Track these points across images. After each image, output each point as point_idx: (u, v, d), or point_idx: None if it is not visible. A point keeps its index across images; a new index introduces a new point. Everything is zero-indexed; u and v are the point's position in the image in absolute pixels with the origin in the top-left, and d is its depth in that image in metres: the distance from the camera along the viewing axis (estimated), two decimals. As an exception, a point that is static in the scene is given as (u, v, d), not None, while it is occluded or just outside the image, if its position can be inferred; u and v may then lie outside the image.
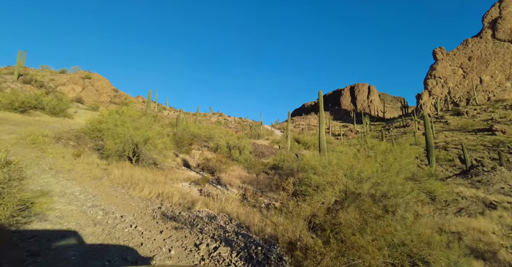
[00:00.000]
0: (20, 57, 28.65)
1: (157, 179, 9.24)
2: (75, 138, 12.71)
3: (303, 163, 8.62)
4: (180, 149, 17.31)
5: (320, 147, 11.09)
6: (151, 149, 11.05)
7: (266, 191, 10.01)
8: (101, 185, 7.33)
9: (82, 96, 31.32)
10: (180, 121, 24.41)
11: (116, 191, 7.06)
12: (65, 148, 11.19)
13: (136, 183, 8.02)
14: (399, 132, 62.67)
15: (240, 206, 7.31)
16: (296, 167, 12.96)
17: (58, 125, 17.22)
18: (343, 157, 7.22)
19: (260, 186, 10.84)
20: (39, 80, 29.26)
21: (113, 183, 7.71)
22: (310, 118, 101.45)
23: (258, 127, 63.80)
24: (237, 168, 14.14)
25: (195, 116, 57.66)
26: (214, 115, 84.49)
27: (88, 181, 7.45)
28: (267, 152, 22.24)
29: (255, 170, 14.06)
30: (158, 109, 65.06)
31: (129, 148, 10.27)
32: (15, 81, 27.86)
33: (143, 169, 10.24)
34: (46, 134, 11.98)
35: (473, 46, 65.62)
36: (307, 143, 32.65)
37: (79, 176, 7.64)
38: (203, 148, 20.54)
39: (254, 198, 9.21)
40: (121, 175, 8.54)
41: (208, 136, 24.08)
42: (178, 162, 13.94)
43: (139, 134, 10.40)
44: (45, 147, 10.36)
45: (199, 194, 8.55)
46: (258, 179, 12.26)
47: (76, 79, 32.81)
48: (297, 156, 21.71)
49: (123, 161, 10.84)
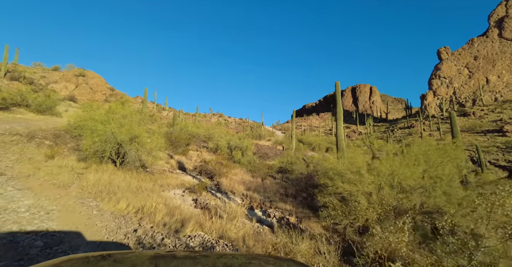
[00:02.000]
0: (8, 52, 27.02)
1: (143, 186, 7.55)
2: (53, 137, 11.02)
3: (324, 166, 6.94)
4: (175, 149, 15.61)
5: (339, 147, 9.41)
6: (138, 149, 9.36)
7: (276, 200, 8.33)
8: (66, 195, 5.63)
9: (75, 95, 29.66)
10: (176, 120, 22.73)
11: (84, 203, 5.36)
12: (38, 148, 9.50)
13: (113, 192, 6.32)
14: (403, 134, 60.98)
15: (247, 224, 5.60)
16: (309, 171, 11.25)
17: (42, 123, 15.50)
18: (385, 160, 5.53)
19: (267, 193, 9.15)
20: (28, 77, 27.60)
21: (84, 193, 6.01)
22: (312, 119, 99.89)
23: (259, 128, 62.08)
24: (240, 171, 12.44)
25: (195, 117, 56.00)
26: (214, 116, 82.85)
27: (50, 190, 5.75)
28: (271, 153, 20.56)
29: (260, 174, 12.36)
30: (157, 109, 63.36)
31: (111, 147, 8.58)
32: (2, 78, 26.20)
33: (128, 173, 8.54)
34: (17, 132, 10.30)
35: (479, 45, 64.11)
36: (312, 144, 30.95)
37: (38, 184, 5.94)
38: (201, 149, 18.84)
39: (262, 209, 7.50)
40: (97, 181, 6.84)
41: (207, 136, 22.38)
42: (172, 164, 12.23)
43: (124, 131, 8.71)
44: (9, 146, 8.69)
45: (193, 205, 6.84)
46: (264, 185, 10.55)
47: (69, 76, 31.17)
48: (304, 159, 20.02)
49: (105, 164, 9.16)
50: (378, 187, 5.39)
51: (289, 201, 8.36)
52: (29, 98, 19.32)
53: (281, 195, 9.17)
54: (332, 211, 5.68)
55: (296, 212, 7.21)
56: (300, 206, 7.80)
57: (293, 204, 8.06)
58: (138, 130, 9.08)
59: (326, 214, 5.80)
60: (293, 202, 8.32)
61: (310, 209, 7.66)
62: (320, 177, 6.78)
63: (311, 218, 6.90)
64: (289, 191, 9.66)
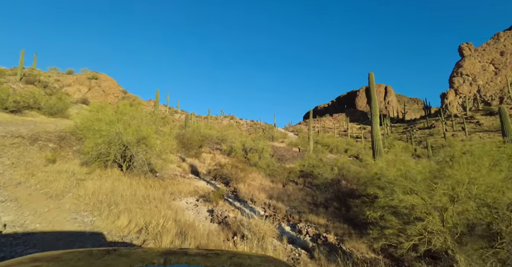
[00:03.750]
0: (24, 57, 27.30)
1: (151, 194, 6.50)
2: (58, 139, 10.27)
3: (374, 172, 5.63)
4: (188, 152, 14.65)
5: (375, 148, 8.01)
6: (147, 152, 8.38)
7: (304, 210, 7.08)
8: (56, 208, 4.64)
9: (88, 97, 29.57)
10: (189, 121, 21.90)
11: (76, 219, 4.34)
12: (40, 152, 8.72)
13: (115, 202, 5.29)
14: (423, 134, 57.97)
15: (277, 246, 4.39)
16: (335, 176, 9.90)
17: (51, 126, 14.96)
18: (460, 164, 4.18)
19: (292, 202, 7.90)
20: (42, 80, 27.74)
21: (79, 204, 5.01)
22: (325, 120, 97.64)
23: (272, 129, 60.76)
24: (258, 176, 11.25)
25: (206, 119, 55.52)
26: (226, 118, 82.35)
27: (38, 201, 4.78)
28: (288, 155, 19.28)
29: (280, 178, 11.12)
30: (170, 112, 63.45)
31: (116, 150, 7.62)
32: (18, 81, 26.41)
33: (135, 179, 7.55)
34: (19, 134, 9.60)
35: (505, 40, 60.22)
36: (329, 145, 29.32)
37: (27, 194, 4.99)
38: (215, 151, 17.82)
39: (289, 222, 6.27)
40: (97, 189, 5.84)
41: (220, 138, 21.38)
42: (185, 168, 11.22)
43: (130, 131, 7.74)
44: (8, 149, 7.92)
45: (209, 219, 5.70)
46: (287, 191, 9.30)
47: (82, 80, 31.22)
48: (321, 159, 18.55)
49: (111, 168, 8.22)
50: (453, 199, 4.05)
51: (320, 212, 7.07)
52: (41, 101, 19.05)
53: (309, 204, 7.89)
54: (387, 230, 4.38)
55: (333, 227, 5.92)
56: (335, 219, 6.50)
57: (325, 216, 6.77)
58: (147, 131, 8.09)
59: (378, 234, 4.50)
60: (325, 213, 7.03)
61: (348, 222, 6.35)
62: (363, 185, 5.46)
63: (352, 235, 5.60)
64: (317, 199, 8.37)
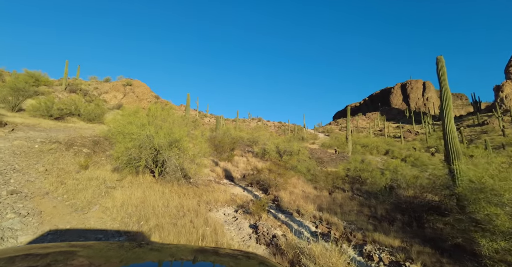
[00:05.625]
0: (68, 68, 29.28)
1: (185, 205, 5.69)
2: (92, 144, 10.12)
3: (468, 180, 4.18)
4: (220, 155, 13.96)
5: (451, 149, 6.29)
6: (180, 156, 7.68)
7: (366, 226, 5.75)
8: (80, 224, 3.97)
9: (123, 103, 30.78)
10: (219, 124, 21.42)
11: (100, 239, 3.59)
12: (75, 157, 8.50)
13: (145, 216, 4.53)
14: (474, 132, 51.67)
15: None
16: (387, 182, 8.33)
17: (89, 131, 15.30)
18: None
19: (347, 215, 6.58)
20: (83, 89, 29.50)
21: (106, 219, 4.32)
22: (358, 119, 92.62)
23: (301, 130, 58.78)
24: (297, 181, 10.05)
25: (235, 122, 55.47)
26: (253, 121, 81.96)
27: (62, 215, 4.17)
28: (325, 157, 17.73)
29: (324, 185, 9.81)
30: (199, 116, 64.76)
31: (147, 154, 7.00)
32: (63, 91, 28.35)
33: (167, 186, 6.85)
34: (57, 140, 9.56)
35: None
36: (367, 146, 26.91)
37: (52, 206, 4.43)
38: (247, 154, 16.97)
39: (349, 240, 5.00)
40: (126, 199, 5.17)
41: (251, 140, 20.52)
42: (218, 173, 10.44)
43: (162, 134, 7.08)
44: (45, 155, 7.75)
45: (253, 237, 4.68)
46: (336, 201, 7.98)
47: (118, 86, 32.69)
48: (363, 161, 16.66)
49: (142, 174, 7.66)
50: None
51: (387, 229, 5.68)
52: (80, 107, 19.92)
53: (367, 217, 6.51)
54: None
55: (412, 251, 4.55)
56: (411, 240, 5.09)
57: (396, 234, 5.38)
58: (179, 133, 7.39)
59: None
60: (394, 230, 5.62)
61: (430, 244, 4.91)
62: (470, 202, 4.00)
63: (444, 265, 4.18)
64: (376, 211, 6.96)
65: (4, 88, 17.82)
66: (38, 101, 17.23)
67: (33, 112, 15.94)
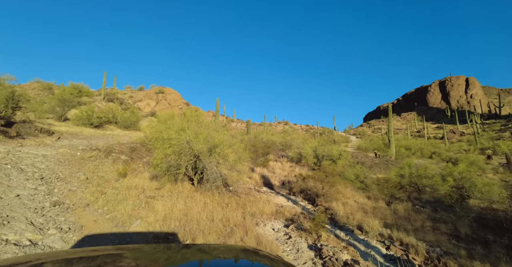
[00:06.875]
0: (106, 78, 31.14)
1: (231, 218, 5.04)
2: (129, 151, 10.04)
3: None
4: (254, 160, 13.30)
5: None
6: (219, 162, 7.11)
7: (455, 250, 4.60)
8: (121, 242, 3.45)
9: (156, 110, 31.80)
10: (250, 128, 20.90)
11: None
12: (113, 164, 8.38)
13: (191, 232, 3.96)
14: (535, 131, 45.22)
15: None
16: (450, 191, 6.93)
17: (125, 138, 15.61)
18: None
19: (422, 233, 5.44)
20: (120, 98, 31.04)
21: (149, 235, 3.77)
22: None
23: (331, 133, 56.31)
24: (345, 190, 8.96)
25: (262, 126, 54.97)
26: (280, 124, 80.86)
27: (102, 231, 3.70)
28: (367, 161, 16.22)
29: (378, 194, 8.60)
30: (227, 121, 65.45)
31: (186, 161, 6.52)
32: (102, 100, 30.09)
33: (208, 195, 6.28)
34: (97, 147, 9.60)
35: None
36: (411, 149, 24.47)
37: (93, 220, 4.02)
38: (281, 159, 16.13)
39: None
40: (168, 212, 4.65)
41: (283, 143, 19.65)
42: (256, 180, 9.75)
43: (201, 139, 6.57)
44: (86, 163, 7.67)
45: (319, 264, 3.83)
46: (397, 213, 6.80)
47: (151, 94, 33.96)
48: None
49: (181, 182, 7.21)
50: None
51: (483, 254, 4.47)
52: (117, 115, 20.70)
53: (449, 237, 5.30)
54: None
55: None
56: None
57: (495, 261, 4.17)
58: (218, 138, 6.83)
59: None
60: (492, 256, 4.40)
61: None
62: None
63: None
64: (456, 227, 5.69)
65: (53, 100, 19.16)
66: (81, 111, 18.08)
67: (76, 121, 16.71)
